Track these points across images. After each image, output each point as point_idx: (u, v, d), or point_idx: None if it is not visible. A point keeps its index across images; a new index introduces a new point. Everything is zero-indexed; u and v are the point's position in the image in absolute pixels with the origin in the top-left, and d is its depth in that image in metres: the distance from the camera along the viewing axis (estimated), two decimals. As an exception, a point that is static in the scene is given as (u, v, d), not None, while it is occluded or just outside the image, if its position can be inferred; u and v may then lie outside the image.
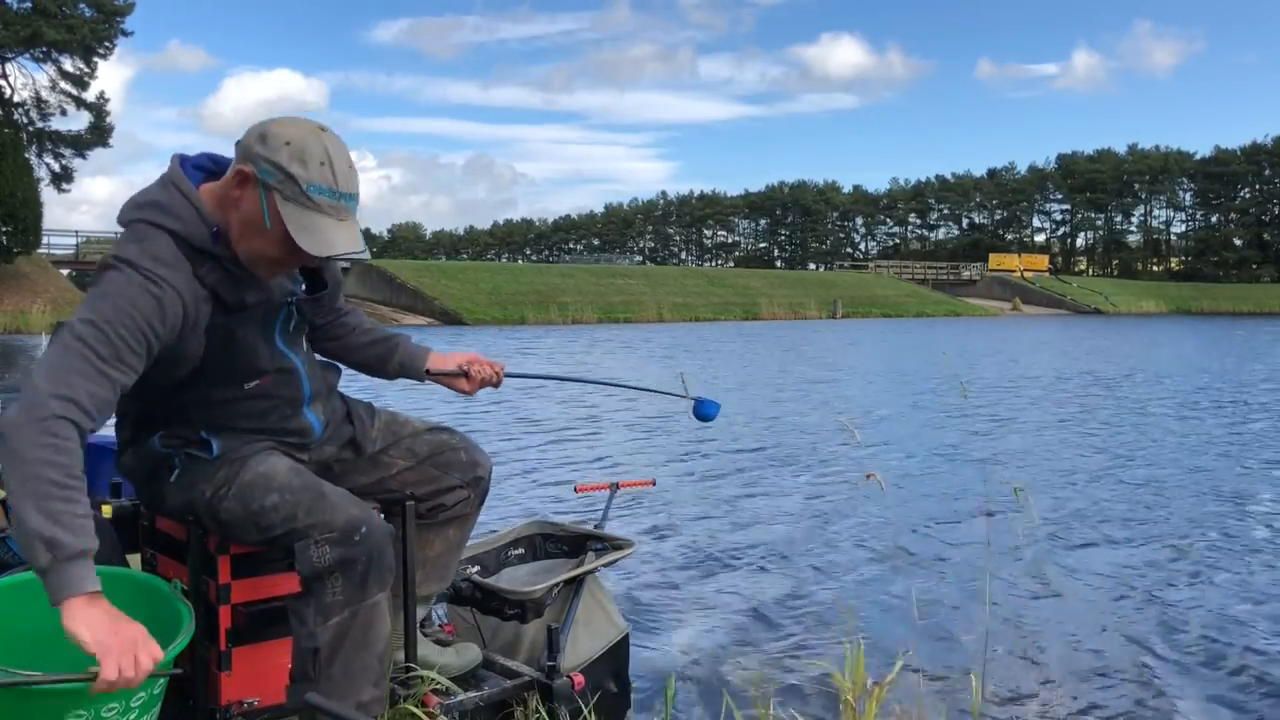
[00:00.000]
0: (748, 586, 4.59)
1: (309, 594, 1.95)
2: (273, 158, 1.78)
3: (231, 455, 1.99)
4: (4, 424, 1.61)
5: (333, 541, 1.92)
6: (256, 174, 1.79)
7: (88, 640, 1.52)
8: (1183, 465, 7.95)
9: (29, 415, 1.61)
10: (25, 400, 1.63)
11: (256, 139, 1.82)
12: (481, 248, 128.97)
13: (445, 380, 2.38)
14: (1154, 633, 3.97)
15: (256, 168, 1.79)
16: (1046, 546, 5.31)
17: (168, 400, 1.97)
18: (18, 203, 33.90)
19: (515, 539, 3.07)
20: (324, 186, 1.80)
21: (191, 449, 1.98)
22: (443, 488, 2.28)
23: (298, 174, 1.78)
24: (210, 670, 2.04)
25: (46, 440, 1.60)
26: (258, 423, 2.02)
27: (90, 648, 1.52)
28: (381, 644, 2.01)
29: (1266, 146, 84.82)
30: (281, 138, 1.80)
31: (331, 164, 1.81)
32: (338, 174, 1.81)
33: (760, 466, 7.87)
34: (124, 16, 39.95)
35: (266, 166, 1.79)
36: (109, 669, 1.51)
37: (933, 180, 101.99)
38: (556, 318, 41.71)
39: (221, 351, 1.91)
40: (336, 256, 1.84)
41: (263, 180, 1.79)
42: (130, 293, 1.74)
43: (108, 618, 1.56)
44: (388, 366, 2.38)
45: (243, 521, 1.96)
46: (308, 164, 1.78)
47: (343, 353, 2.34)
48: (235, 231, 1.84)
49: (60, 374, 1.65)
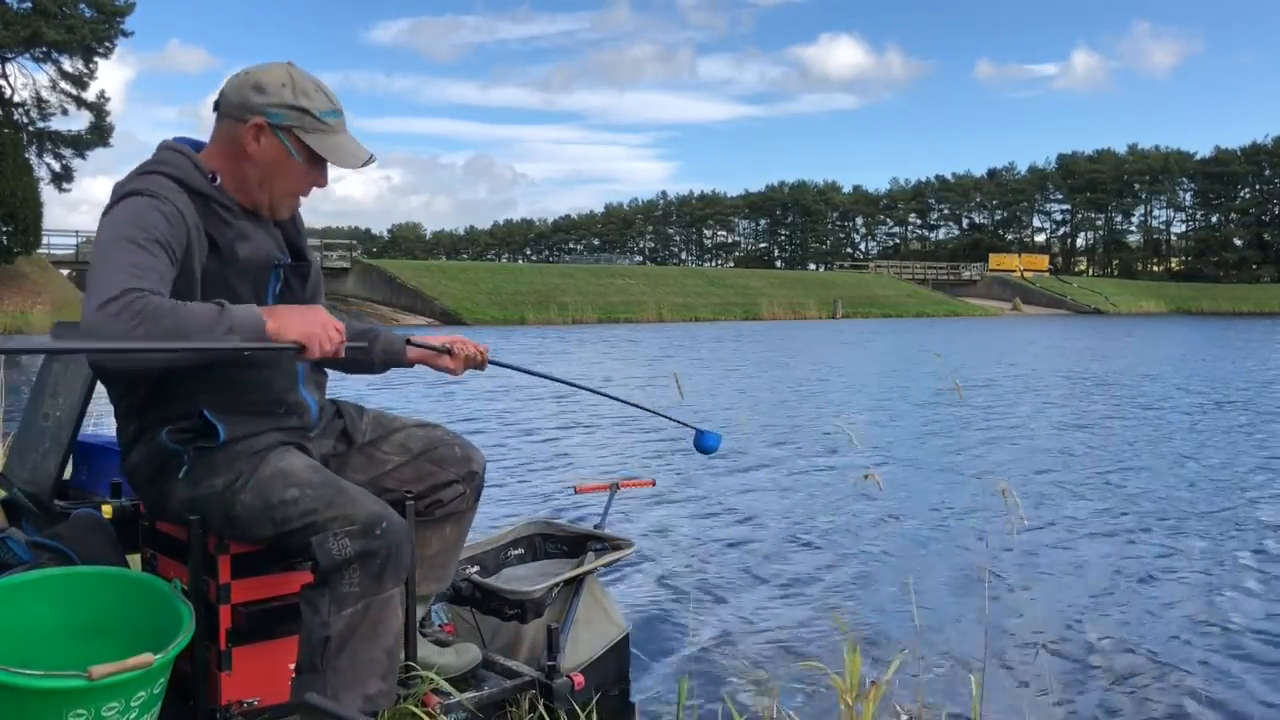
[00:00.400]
0: (746, 586, 4.59)
1: (325, 584, 1.97)
2: (280, 101, 1.96)
3: (243, 449, 1.99)
4: (99, 325, 1.68)
5: (353, 535, 1.95)
6: (269, 122, 1.95)
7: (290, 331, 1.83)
8: (1182, 465, 7.95)
9: (105, 311, 1.68)
10: (97, 313, 1.69)
11: (252, 90, 1.96)
12: (481, 248, 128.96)
13: (429, 358, 2.33)
14: (1154, 632, 3.97)
15: (267, 116, 1.95)
16: (1045, 546, 5.31)
17: (166, 376, 1.96)
18: (18, 203, 33.89)
19: (515, 539, 3.08)
20: (328, 109, 2.00)
21: (200, 442, 1.98)
22: (439, 483, 2.29)
23: (309, 106, 1.97)
24: (210, 670, 2.05)
25: (134, 310, 1.69)
26: (259, 395, 2.02)
27: (290, 335, 1.82)
28: (391, 639, 2.03)
29: (1266, 146, 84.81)
30: (275, 81, 1.97)
31: (321, 89, 2.01)
32: (329, 95, 2.02)
33: (760, 466, 7.87)
34: (124, 16, 39.95)
35: (277, 111, 1.96)
36: (313, 348, 1.84)
37: (933, 180, 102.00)
38: (556, 318, 41.71)
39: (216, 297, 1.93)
40: (368, 163, 2.03)
41: (277, 124, 1.96)
42: (140, 208, 1.86)
43: (292, 310, 1.87)
44: (372, 356, 2.33)
45: (258, 515, 1.97)
46: (310, 96, 1.98)
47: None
48: (257, 179, 1.99)
49: (110, 277, 1.73)
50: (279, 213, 2.06)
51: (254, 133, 1.96)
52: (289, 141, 1.97)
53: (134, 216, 1.84)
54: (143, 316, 1.68)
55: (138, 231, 1.81)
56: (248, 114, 1.96)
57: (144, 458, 2.03)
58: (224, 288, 1.95)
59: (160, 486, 2.04)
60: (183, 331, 1.70)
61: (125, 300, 1.69)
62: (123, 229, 1.82)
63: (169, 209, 1.87)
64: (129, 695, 1.72)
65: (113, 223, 1.84)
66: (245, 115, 1.96)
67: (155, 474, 2.03)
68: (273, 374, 2.04)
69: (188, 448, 1.99)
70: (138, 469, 2.05)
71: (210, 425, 1.96)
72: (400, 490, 2.25)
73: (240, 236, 1.99)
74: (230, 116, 1.99)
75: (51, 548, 2.13)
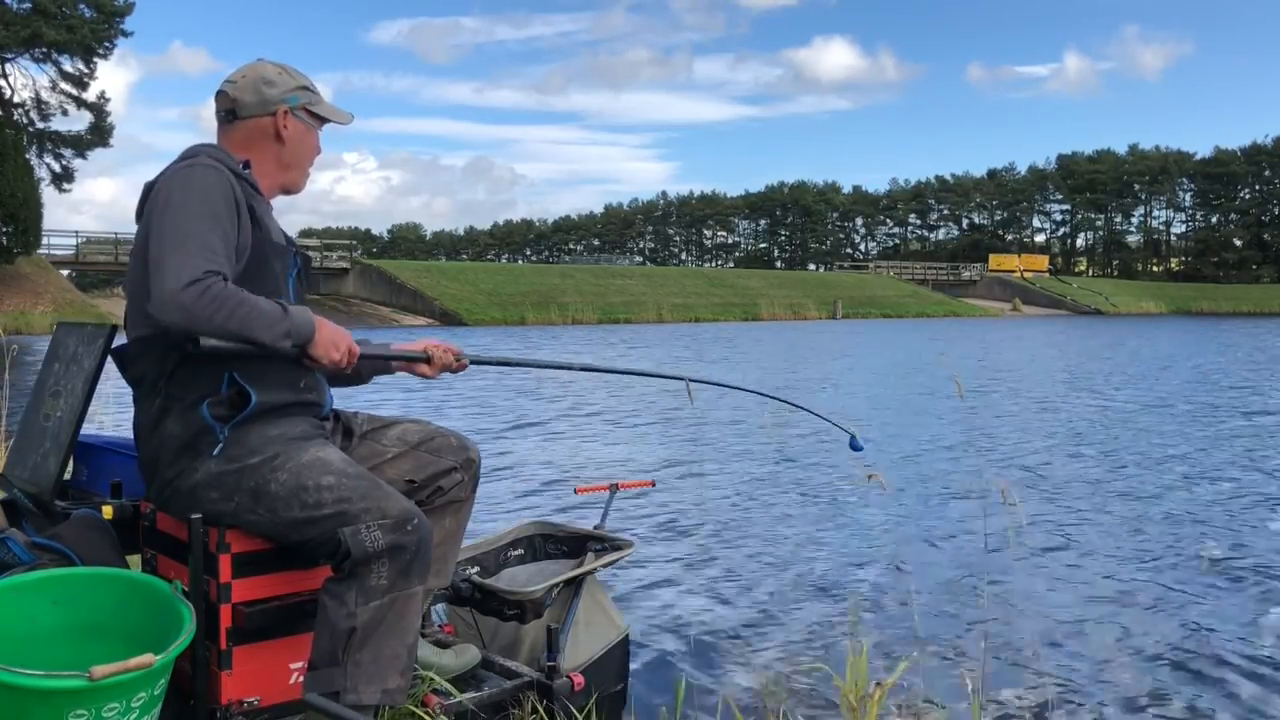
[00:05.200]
0: (748, 586, 4.59)
1: (353, 576, 1.99)
2: (290, 85, 2.22)
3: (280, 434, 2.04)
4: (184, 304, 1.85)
5: (385, 528, 1.99)
6: (289, 107, 2.20)
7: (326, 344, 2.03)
8: (1181, 464, 7.95)
9: (189, 291, 1.85)
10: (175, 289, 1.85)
11: (264, 85, 2.20)
12: (481, 248, 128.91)
13: (409, 367, 2.37)
14: (1155, 632, 3.97)
15: (287, 103, 2.20)
16: (1047, 548, 5.31)
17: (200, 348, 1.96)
18: (18, 203, 33.92)
19: (515, 539, 3.07)
20: (302, 77, 2.27)
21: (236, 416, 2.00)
22: (439, 471, 2.33)
23: (306, 84, 2.25)
24: (211, 669, 2.05)
25: (214, 295, 1.86)
26: (283, 366, 2.05)
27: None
28: (412, 636, 2.06)
29: (1266, 147, 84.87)
30: (273, 74, 2.22)
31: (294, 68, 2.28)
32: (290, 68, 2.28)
33: (760, 466, 7.87)
34: (124, 17, 39.99)
35: (292, 94, 2.21)
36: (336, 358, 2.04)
37: (932, 181, 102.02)
38: (556, 318, 41.73)
39: (259, 273, 2.07)
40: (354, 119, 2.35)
41: (295, 106, 2.21)
42: (207, 180, 2.01)
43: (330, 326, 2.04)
44: (361, 367, 2.39)
45: (291, 495, 1.99)
46: (299, 76, 2.25)
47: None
48: (287, 160, 2.22)
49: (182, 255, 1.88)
50: (300, 185, 2.29)
51: (283, 119, 2.20)
52: (305, 117, 2.24)
53: (203, 191, 1.98)
54: (220, 303, 1.85)
55: (207, 208, 1.96)
56: (271, 106, 2.19)
57: (179, 429, 2.02)
58: (263, 261, 2.08)
59: (187, 461, 2.02)
60: (248, 323, 1.87)
61: (207, 283, 1.84)
62: (194, 205, 1.95)
63: (226, 184, 2.02)
64: (130, 695, 1.72)
65: (184, 193, 1.97)
66: (270, 108, 2.19)
67: (186, 447, 2.02)
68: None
69: (224, 425, 2.00)
70: (168, 440, 2.03)
71: (243, 391, 2.00)
72: (402, 480, 2.28)
73: (268, 217, 2.17)
74: (253, 115, 2.19)
75: (52, 548, 2.13)
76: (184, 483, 2.04)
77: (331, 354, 2.02)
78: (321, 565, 2.08)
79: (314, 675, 1.99)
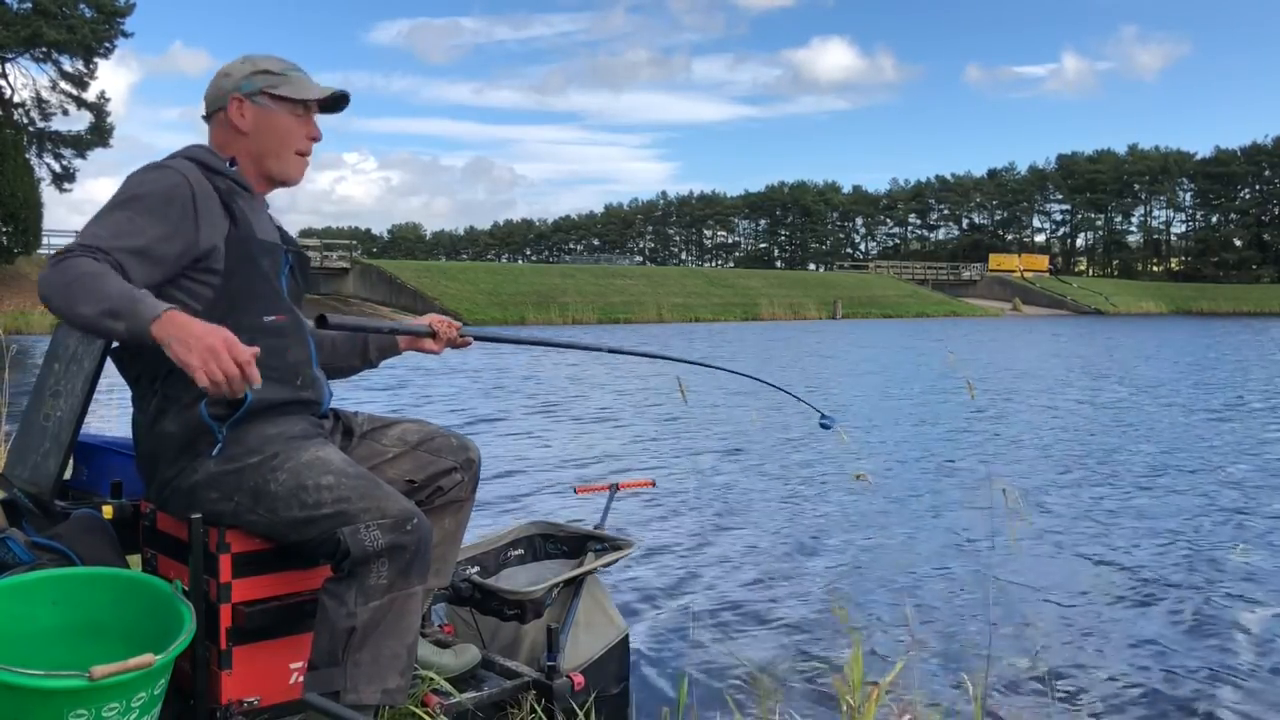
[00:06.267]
0: (746, 586, 4.59)
1: (353, 576, 1.99)
2: (245, 71, 2.15)
3: (279, 433, 2.04)
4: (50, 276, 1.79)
5: (385, 528, 1.98)
6: (243, 93, 2.14)
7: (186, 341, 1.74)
8: (1180, 463, 7.95)
9: (49, 264, 1.82)
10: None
11: (222, 78, 2.17)
12: (481, 248, 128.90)
13: (416, 343, 2.44)
14: (1155, 631, 3.97)
15: (240, 91, 2.14)
16: (1045, 545, 5.31)
17: None
18: (18, 203, 33.90)
19: (515, 539, 3.07)
20: (286, 67, 2.19)
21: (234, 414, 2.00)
22: (439, 470, 2.34)
23: (266, 67, 2.17)
24: (211, 669, 2.05)
25: (64, 266, 1.79)
26: (279, 361, 2.06)
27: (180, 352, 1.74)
28: (412, 636, 2.06)
29: (1266, 147, 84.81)
30: (235, 65, 2.18)
31: (276, 58, 2.21)
32: (284, 60, 2.22)
33: (759, 466, 7.87)
34: (124, 17, 39.97)
35: (244, 82, 2.14)
36: (210, 370, 1.74)
37: (932, 181, 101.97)
38: (557, 318, 41.70)
39: (242, 270, 2.05)
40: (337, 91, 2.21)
41: (250, 92, 2.14)
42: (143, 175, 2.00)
43: (201, 326, 1.76)
44: (369, 353, 2.47)
45: (290, 494, 1.99)
46: (265, 63, 2.18)
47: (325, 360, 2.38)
48: (261, 150, 2.15)
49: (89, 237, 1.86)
50: (292, 175, 2.21)
51: (236, 109, 2.14)
52: (266, 101, 2.15)
53: (138, 187, 1.96)
54: (62, 273, 1.76)
55: (137, 203, 1.93)
56: (225, 97, 2.15)
57: (176, 428, 2.02)
58: (247, 258, 2.06)
59: (187, 460, 2.03)
60: (75, 295, 1.74)
61: (66, 257, 1.79)
62: (120, 198, 1.94)
63: (171, 183, 1.98)
64: (130, 695, 1.72)
65: (120, 190, 1.96)
66: (224, 101, 2.15)
67: (185, 446, 2.03)
68: (290, 343, 2.12)
69: (222, 424, 2.00)
70: (166, 439, 2.04)
71: None
72: (402, 480, 2.28)
73: (256, 214, 2.13)
74: (215, 110, 2.17)
75: (52, 548, 2.13)
76: (183, 482, 2.05)
77: (189, 358, 1.70)
78: (321, 565, 2.09)
79: (314, 675, 1.99)
